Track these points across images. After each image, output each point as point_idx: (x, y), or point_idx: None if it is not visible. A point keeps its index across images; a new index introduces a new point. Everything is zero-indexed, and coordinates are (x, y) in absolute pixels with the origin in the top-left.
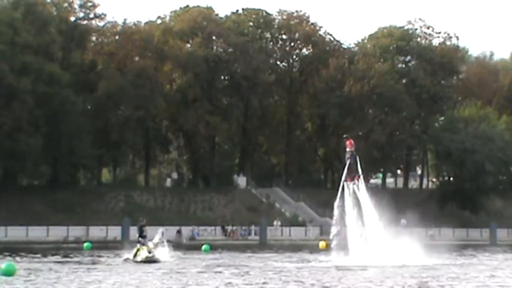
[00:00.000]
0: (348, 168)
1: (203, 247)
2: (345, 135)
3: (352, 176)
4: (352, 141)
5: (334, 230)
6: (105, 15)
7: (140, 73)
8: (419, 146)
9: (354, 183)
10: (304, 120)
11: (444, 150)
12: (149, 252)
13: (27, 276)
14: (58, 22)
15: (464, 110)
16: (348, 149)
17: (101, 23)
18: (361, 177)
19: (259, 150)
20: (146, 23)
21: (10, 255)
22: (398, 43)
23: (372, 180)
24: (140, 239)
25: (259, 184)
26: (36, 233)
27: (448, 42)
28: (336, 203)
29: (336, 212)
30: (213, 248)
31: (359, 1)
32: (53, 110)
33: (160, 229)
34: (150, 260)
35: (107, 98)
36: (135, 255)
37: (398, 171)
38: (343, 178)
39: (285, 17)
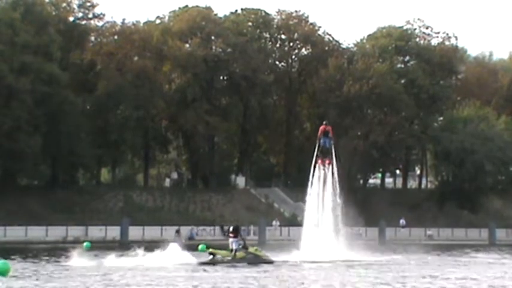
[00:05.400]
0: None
1: (199, 247)
2: (325, 122)
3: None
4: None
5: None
6: (104, 15)
7: (139, 73)
8: (419, 146)
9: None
10: (303, 120)
11: (443, 150)
12: (259, 252)
13: (23, 275)
14: (57, 22)
15: (463, 110)
16: (330, 135)
17: (100, 23)
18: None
19: (258, 150)
20: (145, 23)
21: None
22: (397, 43)
23: (370, 180)
24: (235, 239)
25: (258, 184)
26: (35, 233)
27: (447, 42)
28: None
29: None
30: (211, 247)
31: (358, 1)
32: (52, 110)
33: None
34: (262, 261)
35: (106, 98)
36: (234, 256)
37: (398, 171)
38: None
39: (284, 17)
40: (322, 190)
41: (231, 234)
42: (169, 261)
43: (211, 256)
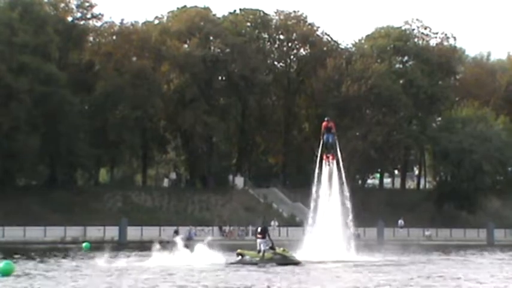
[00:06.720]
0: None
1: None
2: (327, 118)
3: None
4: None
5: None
6: (102, 15)
7: (138, 73)
8: (417, 146)
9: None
10: (302, 120)
11: (442, 151)
12: (287, 253)
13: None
14: (55, 22)
15: (461, 110)
16: (333, 130)
17: (98, 23)
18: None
19: (257, 150)
20: (144, 23)
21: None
22: (395, 43)
23: (369, 181)
24: (263, 240)
25: (256, 184)
26: (34, 233)
27: (445, 43)
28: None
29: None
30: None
31: (356, 1)
32: (51, 110)
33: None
34: (289, 262)
35: (105, 98)
36: (262, 257)
37: (396, 172)
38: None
39: (282, 17)
40: (328, 186)
41: (259, 235)
42: (197, 261)
43: (240, 257)
